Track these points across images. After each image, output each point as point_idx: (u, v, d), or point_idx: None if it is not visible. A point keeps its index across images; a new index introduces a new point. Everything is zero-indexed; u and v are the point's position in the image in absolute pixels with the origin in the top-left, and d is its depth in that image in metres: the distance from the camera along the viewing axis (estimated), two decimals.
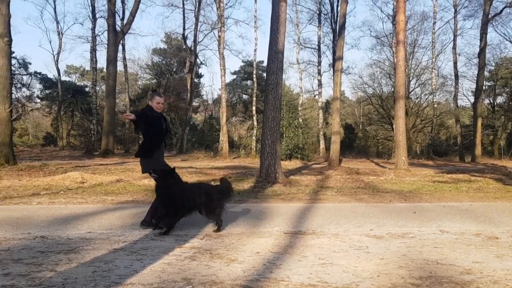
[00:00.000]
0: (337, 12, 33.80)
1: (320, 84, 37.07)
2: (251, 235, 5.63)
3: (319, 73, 37.04)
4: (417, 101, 38.85)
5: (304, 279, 3.86)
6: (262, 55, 60.86)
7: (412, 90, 37.85)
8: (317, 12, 36.89)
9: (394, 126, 23.64)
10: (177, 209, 5.75)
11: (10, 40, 16.18)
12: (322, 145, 35.00)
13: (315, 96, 41.12)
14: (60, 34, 38.94)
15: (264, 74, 42.81)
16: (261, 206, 8.27)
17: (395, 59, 22.22)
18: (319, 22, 36.77)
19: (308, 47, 38.63)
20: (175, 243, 5.11)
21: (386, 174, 15.70)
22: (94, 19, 34.75)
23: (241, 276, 3.93)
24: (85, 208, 7.68)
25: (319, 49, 36.98)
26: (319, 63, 36.89)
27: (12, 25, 16.45)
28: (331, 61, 35.87)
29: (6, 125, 16.13)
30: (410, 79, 36.82)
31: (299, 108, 35.02)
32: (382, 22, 56.46)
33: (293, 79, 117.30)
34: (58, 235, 5.45)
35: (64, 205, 8.10)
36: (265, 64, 41.46)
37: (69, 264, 4.19)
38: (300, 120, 30.86)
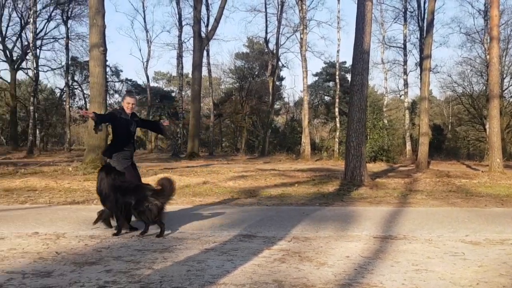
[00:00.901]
0: (425, 9, 32.62)
1: (406, 84, 35.91)
2: (340, 239, 5.55)
3: (405, 72, 35.91)
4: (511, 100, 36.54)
5: (398, 285, 3.74)
6: (345, 56, 60.24)
7: (506, 89, 35.64)
8: (403, 10, 35.82)
9: (487, 127, 22.38)
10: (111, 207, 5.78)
11: (105, 50, 17.17)
12: (408, 147, 33.87)
13: (400, 96, 39.93)
14: (149, 42, 40.79)
15: (347, 75, 42.38)
16: (347, 209, 8.15)
17: (488, 56, 21.07)
18: (405, 20, 35.68)
19: (393, 46, 37.64)
20: (263, 245, 5.15)
21: (480, 177, 14.87)
22: (180, 27, 36.10)
23: (332, 280, 3.88)
24: (176, 209, 7.96)
25: (404, 48, 35.88)
26: (405, 62, 35.78)
27: (106, 35, 17.44)
28: (418, 60, 34.69)
29: (102, 129, 17.11)
30: (504, 76, 34.68)
31: (384, 109, 34.14)
32: (473, 18, 53.54)
33: (378, 79, 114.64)
34: (153, 234, 5.68)
35: None
36: (347, 65, 41.13)
37: (164, 262, 4.35)
38: (385, 121, 30.04)
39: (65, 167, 16.59)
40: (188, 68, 40.91)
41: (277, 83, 41.47)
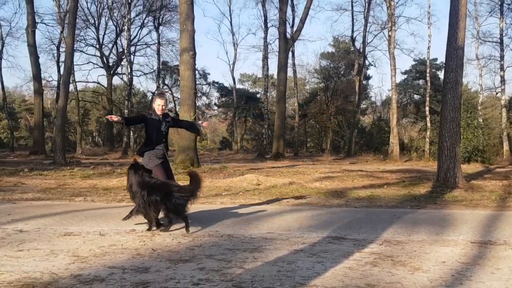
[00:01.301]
0: None
1: (503, 81, 33.65)
2: (434, 243, 5.30)
3: (501, 68, 33.67)
4: None
5: None
6: (436, 53, 57.64)
7: None
8: (499, 2, 33.64)
9: None
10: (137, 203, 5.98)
11: (195, 54, 17.77)
12: (505, 147, 31.73)
13: (496, 93, 37.52)
14: (235, 45, 41.59)
15: (438, 73, 40.55)
16: (442, 213, 7.78)
17: None
18: (501, 13, 33.44)
19: (489, 41, 35.42)
20: (353, 248, 5.05)
21: None
22: (266, 29, 36.50)
23: (428, 286, 3.72)
24: (263, 209, 8.02)
25: (501, 43, 33.63)
26: (502, 57, 33.52)
27: (195, 40, 18.02)
28: None
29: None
30: None
31: (479, 107, 32.26)
32: None
33: (471, 76, 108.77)
34: (242, 234, 5.77)
35: (244, 205, 8.58)
36: (439, 61, 39.38)
37: (255, 262, 4.40)
38: (480, 120, 28.37)
39: None
40: (273, 69, 41.42)
41: (364, 82, 40.59)
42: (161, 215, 6.06)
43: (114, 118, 6.77)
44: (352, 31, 36.36)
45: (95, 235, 5.64)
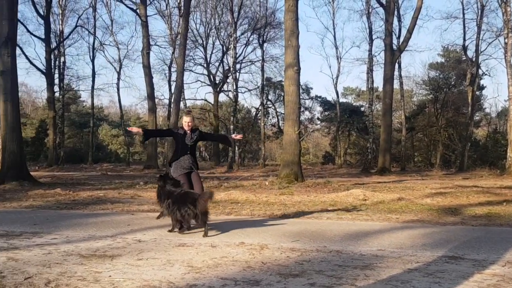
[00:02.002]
0: None
1: None
2: None
3: None
4: None
5: None
6: None
7: None
8: None
9: None
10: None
11: (299, 69, 17.92)
12: None
13: None
14: (339, 59, 41.29)
15: None
16: None
17: None
18: None
19: None
20: (473, 269, 4.72)
21: None
22: (371, 41, 35.93)
23: None
24: (372, 225, 7.81)
25: None
26: None
27: (299, 55, 18.15)
28: None
29: (296, 145, 17.83)
30: None
31: None
32: None
33: None
34: (351, 250, 5.64)
35: (352, 221, 8.41)
36: None
37: (366, 280, 4.27)
38: None
39: (262, 182, 17.60)
40: (378, 82, 40.61)
41: (477, 92, 38.22)
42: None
43: (134, 130, 8.16)
44: (464, 40, 34.58)
45: (207, 246, 5.83)
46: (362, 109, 48.52)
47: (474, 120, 37.40)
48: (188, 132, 7.73)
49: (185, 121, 7.75)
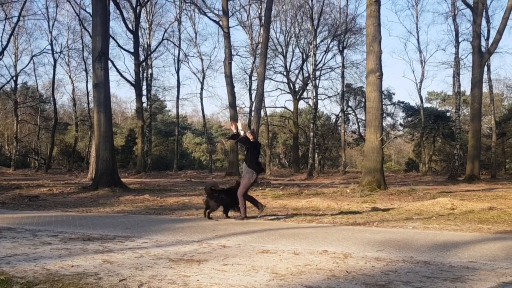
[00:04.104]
0: None
1: None
2: None
3: None
4: None
5: None
6: None
7: None
8: None
9: None
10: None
11: (381, 74, 17.56)
12: None
13: None
14: (423, 63, 40.00)
15: None
16: None
17: None
18: None
19: None
20: None
21: None
22: (457, 43, 34.46)
23: None
24: (461, 236, 7.47)
25: None
26: None
27: (381, 60, 17.79)
28: None
29: (378, 152, 17.44)
30: None
31: None
32: None
33: None
34: (440, 261, 5.44)
35: (439, 231, 8.09)
36: None
37: None
38: None
39: (343, 189, 17.38)
40: (465, 86, 38.69)
41: None
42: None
43: (233, 126, 10.02)
44: None
45: (290, 253, 5.86)
46: (448, 114, 46.55)
47: None
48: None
49: (249, 136, 9.51)
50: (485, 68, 32.17)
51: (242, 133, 9.67)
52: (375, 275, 4.74)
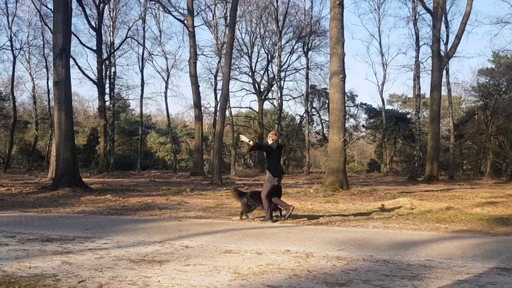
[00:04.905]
0: None
1: None
2: None
3: None
4: None
5: None
6: None
7: None
8: None
9: None
10: None
11: (344, 76, 17.83)
12: None
13: None
14: (385, 66, 40.86)
15: None
16: None
17: None
18: None
19: None
20: None
21: None
22: (417, 47, 35.36)
23: None
24: (420, 235, 7.67)
25: None
26: None
27: (344, 63, 18.05)
28: None
29: (341, 153, 17.70)
30: None
31: None
32: None
33: None
34: (399, 260, 5.57)
35: (399, 230, 8.29)
36: None
37: None
38: None
39: (307, 189, 17.55)
40: (425, 89, 39.61)
41: None
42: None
43: (245, 139, 9.83)
44: None
45: (253, 253, 5.89)
46: (409, 116, 47.64)
47: None
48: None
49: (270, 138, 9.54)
50: (444, 72, 33.06)
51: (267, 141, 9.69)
52: (336, 274, 4.82)
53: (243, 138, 9.87)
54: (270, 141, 9.44)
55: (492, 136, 39.43)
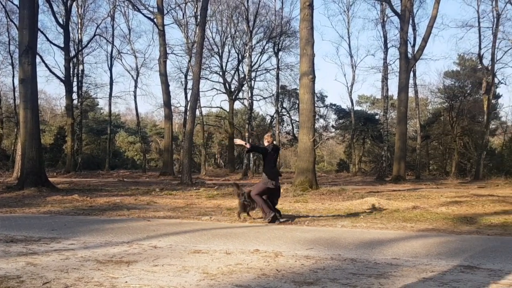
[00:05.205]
0: None
1: None
2: None
3: None
4: None
5: None
6: None
7: None
8: None
9: None
10: None
11: (314, 77, 17.98)
12: None
13: None
14: (354, 67, 41.42)
15: None
16: None
17: None
18: None
19: None
20: (489, 279, 4.71)
21: None
22: (385, 49, 35.99)
23: None
24: (387, 234, 7.80)
25: None
26: None
27: (314, 63, 18.23)
28: None
29: (310, 153, 17.84)
30: None
31: None
32: None
33: None
34: (366, 258, 5.66)
35: (366, 229, 8.41)
36: None
37: None
38: None
39: None
40: (393, 90, 40.22)
41: (493, 101, 37.84)
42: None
43: (239, 142, 9.53)
44: (480, 48, 34.31)
45: (222, 253, 5.88)
46: (377, 117, 48.37)
47: (490, 129, 36.99)
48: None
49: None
50: (411, 74, 33.75)
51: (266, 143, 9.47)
52: (304, 273, 4.86)
53: (239, 141, 9.72)
54: (266, 143, 9.37)
55: (457, 137, 40.45)
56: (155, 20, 34.45)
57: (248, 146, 9.21)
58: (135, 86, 42.08)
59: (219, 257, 5.62)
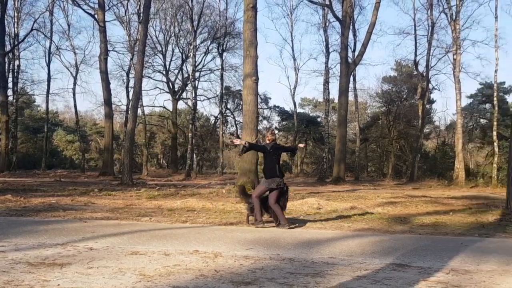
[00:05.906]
0: None
1: None
2: (505, 274, 5.08)
3: None
4: None
5: None
6: (504, 76, 55.44)
7: None
8: None
9: None
10: None
11: (257, 79, 18.08)
12: None
13: None
14: (297, 70, 42.02)
15: (506, 96, 38.91)
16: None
17: None
18: None
19: None
20: (419, 276, 4.92)
21: None
22: (327, 53, 36.75)
23: None
24: (325, 234, 7.98)
25: None
26: None
27: (258, 65, 18.32)
28: None
29: (253, 154, 17.91)
30: None
31: None
32: None
33: None
34: (304, 258, 5.77)
35: (305, 229, 8.58)
36: (506, 85, 37.76)
37: (317, 287, 4.39)
38: None
39: (219, 190, 17.60)
40: (334, 94, 41.06)
41: (427, 106, 39.54)
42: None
43: (237, 141, 9.54)
44: (415, 55, 35.78)
45: (160, 254, 5.82)
46: (319, 119, 49.29)
47: (424, 132, 38.67)
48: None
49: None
50: (351, 78, 34.72)
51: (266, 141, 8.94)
52: (243, 273, 4.89)
53: (236, 141, 9.53)
54: (266, 141, 8.83)
55: (394, 140, 41.96)
56: (95, 16, 33.55)
57: (246, 145, 8.81)
58: (74, 83, 40.68)
59: (157, 258, 5.56)
